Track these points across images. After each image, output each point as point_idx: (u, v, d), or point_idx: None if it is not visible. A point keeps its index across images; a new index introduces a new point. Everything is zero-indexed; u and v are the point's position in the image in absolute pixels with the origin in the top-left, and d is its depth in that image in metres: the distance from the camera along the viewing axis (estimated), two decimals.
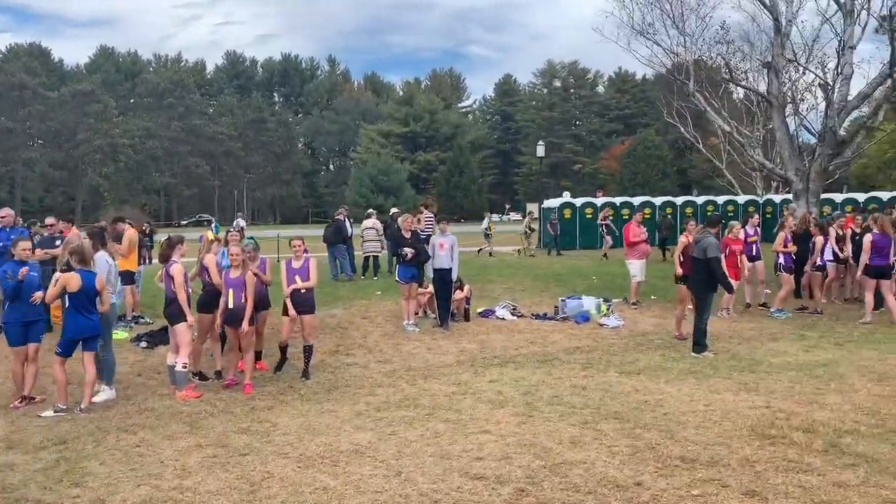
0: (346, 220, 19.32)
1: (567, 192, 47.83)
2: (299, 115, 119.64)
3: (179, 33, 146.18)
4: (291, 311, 8.65)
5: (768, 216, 29.63)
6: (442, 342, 10.91)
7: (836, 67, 15.77)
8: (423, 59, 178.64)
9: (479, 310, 13.40)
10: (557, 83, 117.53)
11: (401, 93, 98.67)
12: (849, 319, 12.56)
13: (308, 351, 8.82)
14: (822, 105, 17.60)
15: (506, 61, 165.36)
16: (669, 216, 29.40)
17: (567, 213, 33.81)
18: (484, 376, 8.65)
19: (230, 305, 8.10)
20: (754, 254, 13.99)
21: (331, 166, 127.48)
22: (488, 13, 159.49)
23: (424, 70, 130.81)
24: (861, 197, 30.74)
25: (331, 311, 13.50)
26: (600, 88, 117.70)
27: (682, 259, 11.22)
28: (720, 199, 36.04)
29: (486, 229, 28.97)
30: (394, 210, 21.08)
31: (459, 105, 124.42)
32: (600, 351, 10.24)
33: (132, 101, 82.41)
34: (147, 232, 30.06)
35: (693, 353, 9.78)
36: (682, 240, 11.58)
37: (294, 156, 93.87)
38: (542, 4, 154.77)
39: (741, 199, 36.25)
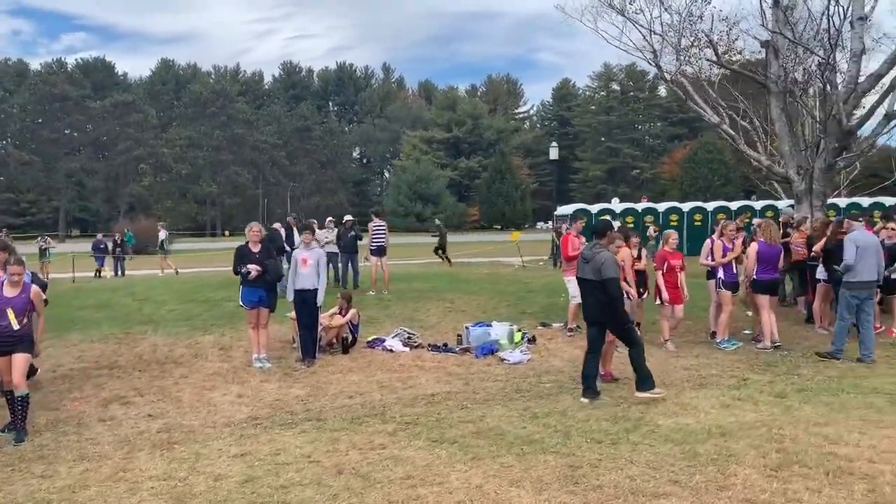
0: (292, 229, 17.61)
1: (616, 199, 44.67)
2: (353, 124, 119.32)
3: (255, 48, 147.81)
4: None
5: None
6: (270, 386, 8.69)
7: (828, 42, 12.78)
8: (489, 66, 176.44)
9: (370, 338, 11.14)
10: (615, 86, 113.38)
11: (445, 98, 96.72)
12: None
13: (19, 403, 6.76)
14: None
15: (571, 67, 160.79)
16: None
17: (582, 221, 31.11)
18: (241, 445, 6.40)
19: None
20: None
21: (385, 174, 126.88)
22: (555, 19, 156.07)
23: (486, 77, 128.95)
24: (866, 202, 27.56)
25: (201, 336, 11.51)
26: (662, 91, 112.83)
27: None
28: (758, 205, 32.62)
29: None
30: (347, 217, 19.06)
31: (515, 111, 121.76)
32: (454, 401, 7.85)
33: (178, 111, 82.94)
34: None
35: (638, 393, 7.52)
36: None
37: (340, 164, 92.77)
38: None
39: (782, 203, 32.79)
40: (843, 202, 28.95)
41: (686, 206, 32.06)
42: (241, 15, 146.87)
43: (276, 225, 18.21)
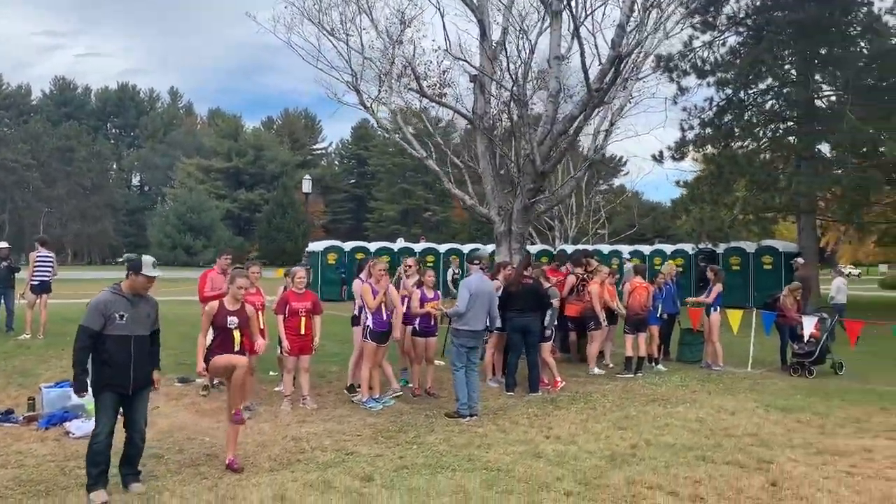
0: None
1: (401, 239, 43.64)
2: (132, 149, 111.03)
3: (40, 62, 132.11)
4: None
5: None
6: None
7: (516, 76, 12.13)
8: (291, 101, 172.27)
9: None
10: (410, 129, 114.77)
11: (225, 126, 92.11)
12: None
13: None
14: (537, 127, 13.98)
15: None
16: None
17: (332, 258, 29.60)
18: None
19: None
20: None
21: (168, 202, 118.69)
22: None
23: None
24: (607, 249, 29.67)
25: None
26: (456, 138, 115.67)
27: None
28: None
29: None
30: (2, 245, 15.89)
31: (312, 146, 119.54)
32: None
33: None
34: None
35: None
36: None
37: (107, 190, 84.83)
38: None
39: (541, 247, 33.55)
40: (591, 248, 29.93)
41: (419, 247, 32.33)
42: (25, 26, 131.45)
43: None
